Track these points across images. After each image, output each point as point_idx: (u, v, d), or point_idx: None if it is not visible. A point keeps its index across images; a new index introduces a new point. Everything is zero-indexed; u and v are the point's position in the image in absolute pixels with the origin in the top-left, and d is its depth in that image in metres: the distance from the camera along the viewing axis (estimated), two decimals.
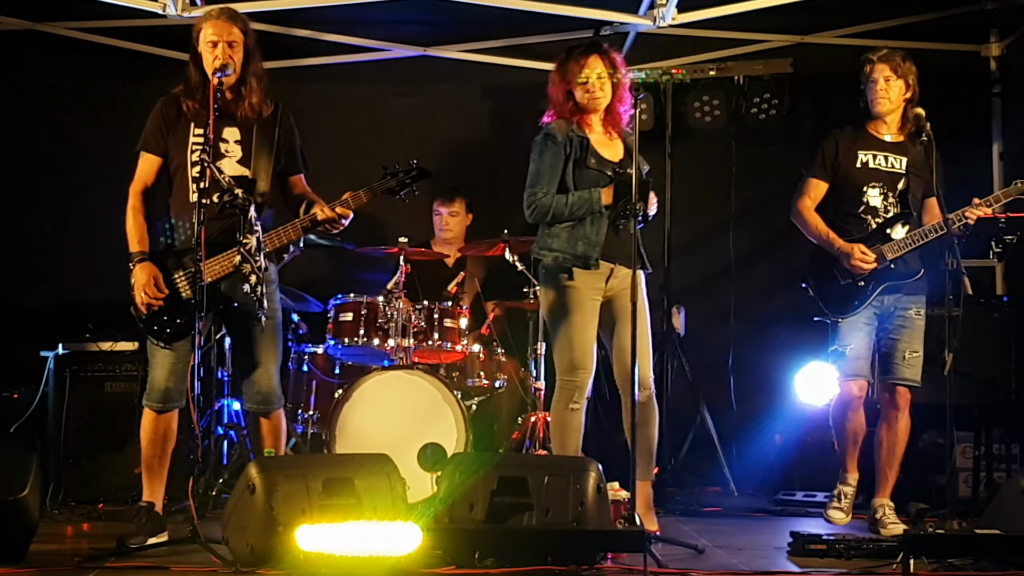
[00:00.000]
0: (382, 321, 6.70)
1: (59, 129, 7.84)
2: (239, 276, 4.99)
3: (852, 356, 6.03)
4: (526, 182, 5.69)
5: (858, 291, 6.01)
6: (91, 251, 7.49)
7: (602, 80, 5.57)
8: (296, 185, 5.52)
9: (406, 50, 8.13)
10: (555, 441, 5.63)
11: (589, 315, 5.54)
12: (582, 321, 5.53)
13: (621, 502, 5.22)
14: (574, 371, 5.53)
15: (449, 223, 7.70)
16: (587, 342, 5.54)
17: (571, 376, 5.54)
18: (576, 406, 5.53)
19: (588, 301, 5.54)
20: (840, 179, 6.11)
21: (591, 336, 5.55)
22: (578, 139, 5.61)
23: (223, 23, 5.31)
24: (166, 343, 5.21)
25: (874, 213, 6.06)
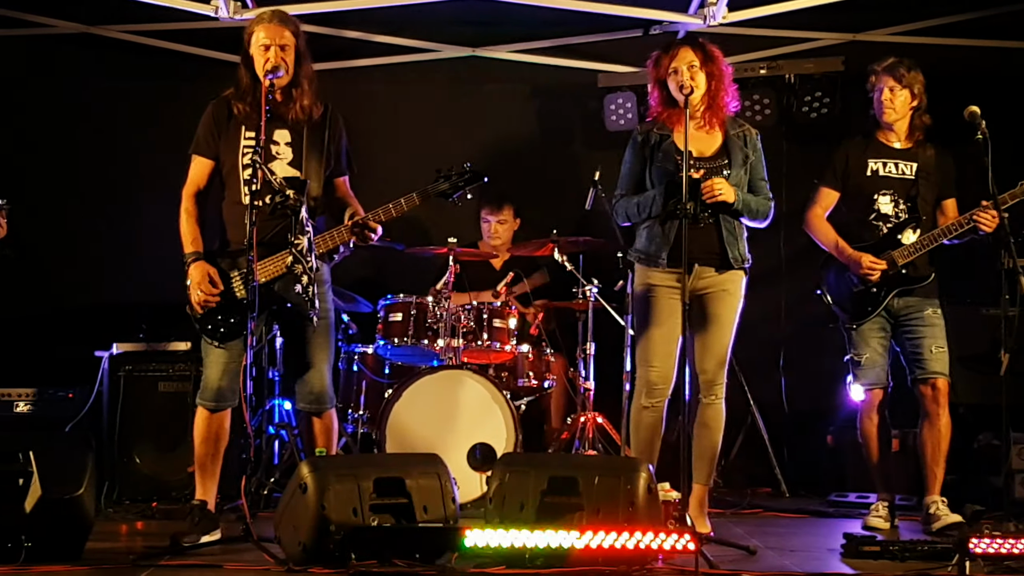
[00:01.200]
0: (431, 321, 6.73)
1: (113, 131, 7.92)
2: (291, 277, 5.03)
3: (868, 365, 6.05)
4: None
5: (871, 297, 6.01)
6: (145, 252, 7.59)
7: (693, 70, 5.52)
8: (338, 188, 5.54)
9: (455, 50, 8.17)
10: (631, 436, 5.64)
11: (664, 313, 5.53)
12: (655, 319, 5.54)
13: (672, 502, 5.21)
14: (643, 366, 5.56)
15: (497, 231, 7.73)
16: (658, 340, 5.53)
17: (642, 371, 5.58)
18: (647, 403, 5.53)
19: (666, 300, 5.53)
20: (851, 188, 6.15)
21: (664, 334, 5.53)
22: (657, 137, 5.62)
23: (275, 26, 5.34)
24: (220, 342, 5.26)
25: (885, 220, 6.07)
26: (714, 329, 5.54)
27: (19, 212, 6.41)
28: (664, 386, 5.53)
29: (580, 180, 7.16)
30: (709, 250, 5.49)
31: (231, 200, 5.37)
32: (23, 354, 7.43)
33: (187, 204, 5.39)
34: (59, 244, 7.81)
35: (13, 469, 4.64)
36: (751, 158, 5.63)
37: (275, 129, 5.34)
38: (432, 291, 6.78)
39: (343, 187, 5.54)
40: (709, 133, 5.62)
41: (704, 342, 5.55)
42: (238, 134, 5.36)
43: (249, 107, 5.37)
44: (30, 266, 7.22)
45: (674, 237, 5.47)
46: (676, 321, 5.47)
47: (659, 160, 5.58)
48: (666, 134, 5.62)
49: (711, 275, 5.54)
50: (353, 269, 7.51)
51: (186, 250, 5.32)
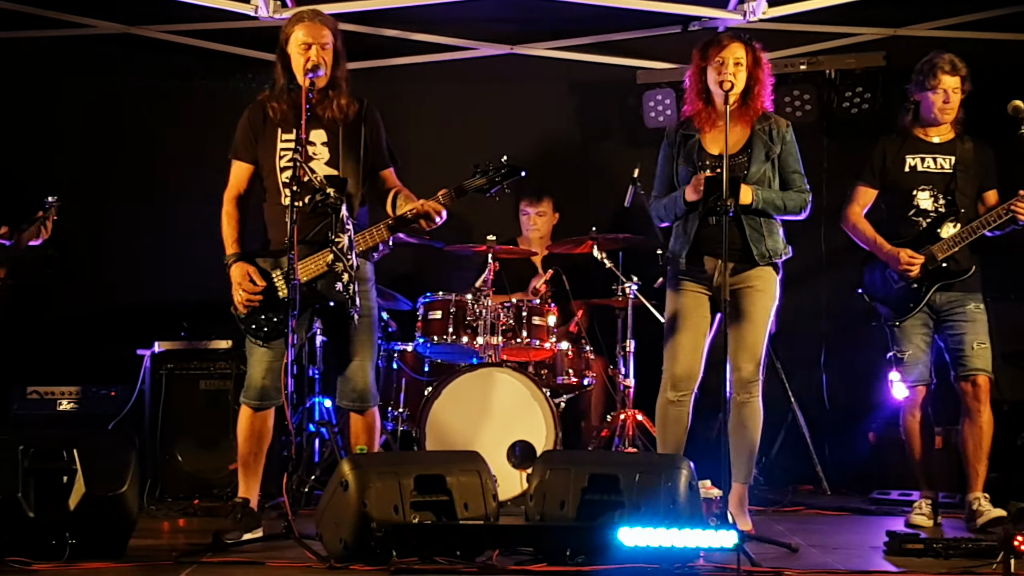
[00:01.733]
0: (471, 319, 6.75)
1: (154, 130, 7.98)
2: (333, 275, 5.05)
3: (911, 362, 6.01)
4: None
5: (912, 293, 5.98)
6: (186, 251, 7.65)
7: (739, 66, 5.52)
8: (387, 179, 5.55)
9: (493, 48, 8.18)
10: (657, 432, 5.68)
11: (690, 310, 5.56)
12: (682, 315, 5.58)
13: (713, 500, 5.20)
14: (669, 361, 5.59)
15: (536, 223, 7.74)
16: (682, 335, 5.56)
17: (667, 366, 5.61)
18: (673, 397, 5.55)
19: (691, 296, 5.57)
20: (890, 184, 6.12)
21: (689, 330, 5.56)
22: (683, 137, 5.64)
23: (315, 25, 5.36)
24: (264, 341, 5.29)
25: (925, 215, 6.03)
26: (745, 326, 5.54)
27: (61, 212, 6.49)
28: (689, 380, 5.56)
29: (619, 177, 7.16)
30: (732, 247, 5.41)
31: (271, 201, 5.40)
32: (67, 352, 7.51)
33: (228, 207, 5.42)
34: (101, 243, 7.89)
35: (57, 466, 4.68)
36: (778, 151, 5.60)
37: (311, 129, 5.33)
38: (471, 289, 6.80)
39: (391, 178, 5.55)
40: (734, 130, 5.60)
41: (736, 339, 5.55)
42: (275, 137, 5.38)
43: (285, 107, 5.39)
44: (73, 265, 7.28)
45: (695, 235, 5.53)
46: (702, 316, 5.56)
47: (684, 160, 5.62)
48: (690, 133, 5.65)
49: (736, 272, 5.54)
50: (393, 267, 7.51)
51: (227, 252, 5.35)
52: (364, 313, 5.27)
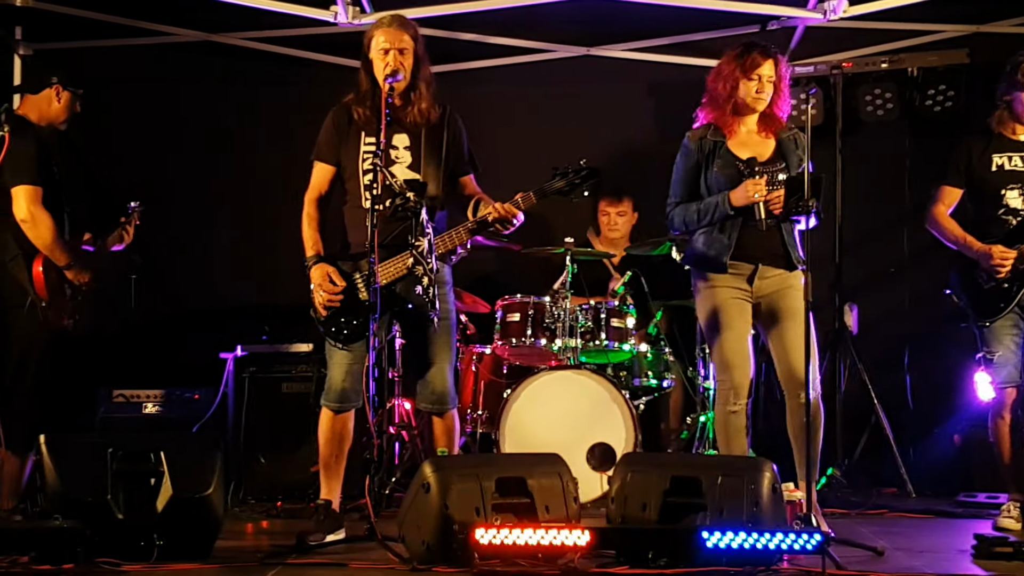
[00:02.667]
0: (549, 321, 6.76)
1: (234, 136, 8.08)
2: (412, 278, 5.09)
3: (1000, 363, 5.91)
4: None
5: (1003, 293, 5.88)
6: (267, 255, 7.74)
7: (771, 83, 5.58)
8: (466, 186, 5.59)
9: (569, 50, 8.18)
10: (719, 442, 5.66)
11: (735, 316, 5.54)
12: (728, 321, 5.54)
13: (796, 503, 5.17)
14: (726, 371, 5.56)
15: (617, 223, 7.73)
16: (734, 343, 5.54)
17: (724, 376, 5.58)
18: (734, 407, 5.53)
19: (732, 302, 5.55)
20: (976, 184, 6.03)
21: (739, 335, 5.54)
22: (711, 144, 5.64)
23: (394, 30, 5.41)
24: (343, 344, 5.34)
25: (1015, 214, 5.93)
26: (791, 325, 5.50)
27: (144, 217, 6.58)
28: (746, 388, 5.54)
29: None
30: (774, 251, 5.52)
31: (352, 204, 5.45)
32: (151, 356, 7.64)
33: (309, 209, 5.49)
34: (184, 248, 7.99)
35: (145, 469, 4.77)
36: (803, 160, 5.58)
37: (394, 134, 5.40)
38: (549, 291, 6.81)
39: (471, 185, 5.59)
40: (762, 138, 5.64)
41: (782, 340, 5.53)
42: (358, 140, 5.44)
43: (368, 111, 5.44)
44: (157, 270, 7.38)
45: (736, 241, 5.51)
46: (746, 320, 5.54)
47: (718, 166, 5.58)
48: (720, 140, 5.63)
49: (777, 275, 5.55)
50: (471, 270, 7.56)
51: (308, 254, 5.41)
52: (443, 316, 5.30)
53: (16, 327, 5.67)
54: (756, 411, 5.67)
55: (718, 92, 5.66)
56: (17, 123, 5.58)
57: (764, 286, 5.57)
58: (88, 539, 4.49)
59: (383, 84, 5.32)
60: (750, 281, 5.57)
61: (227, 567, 4.73)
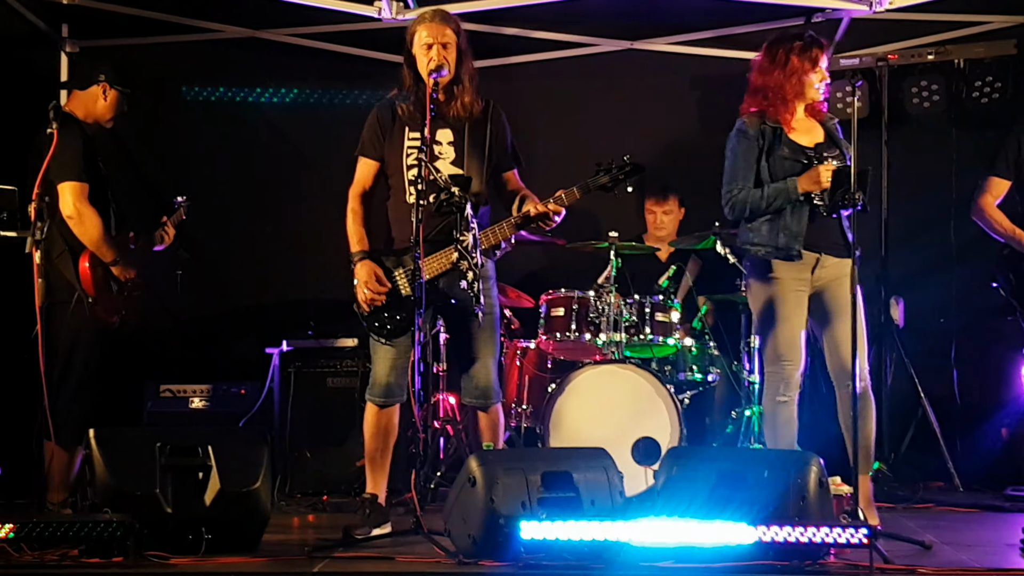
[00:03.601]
0: (593, 316, 6.76)
1: (279, 132, 8.12)
2: (457, 273, 5.10)
3: None
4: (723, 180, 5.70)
5: None
6: (312, 251, 7.78)
7: (825, 74, 5.58)
8: (509, 181, 5.60)
9: (613, 44, 8.16)
10: (766, 433, 5.64)
11: (794, 306, 5.51)
12: (786, 312, 5.51)
13: (843, 497, 5.14)
14: (777, 362, 5.53)
15: (663, 221, 7.73)
16: (790, 333, 5.50)
17: (774, 367, 5.55)
18: (783, 398, 5.50)
19: (792, 292, 5.51)
20: None
21: (795, 327, 5.51)
22: (770, 130, 5.59)
23: (437, 25, 5.42)
24: (387, 339, 5.36)
25: None
26: (845, 316, 5.45)
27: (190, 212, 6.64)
28: (797, 379, 5.52)
29: None
30: (835, 240, 5.49)
31: (396, 199, 5.47)
32: (197, 351, 7.70)
33: (353, 204, 5.52)
34: (229, 244, 8.04)
35: (193, 463, 4.80)
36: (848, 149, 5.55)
37: (437, 129, 5.41)
38: (594, 286, 6.81)
39: (514, 180, 5.60)
40: (811, 126, 5.64)
41: (835, 331, 5.50)
42: (402, 135, 5.46)
43: (412, 107, 5.46)
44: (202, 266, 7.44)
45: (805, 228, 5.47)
46: (803, 311, 5.51)
47: (784, 153, 5.54)
48: (778, 127, 5.59)
49: (833, 263, 5.52)
50: (515, 265, 7.56)
51: (352, 249, 5.44)
52: (487, 311, 5.31)
53: (63, 323, 5.71)
54: (802, 404, 5.61)
55: (777, 83, 5.59)
56: (65, 119, 5.63)
57: (823, 275, 5.53)
58: (137, 532, 4.51)
59: (427, 79, 5.33)
60: (812, 271, 5.53)
61: (274, 560, 4.76)
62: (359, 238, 5.46)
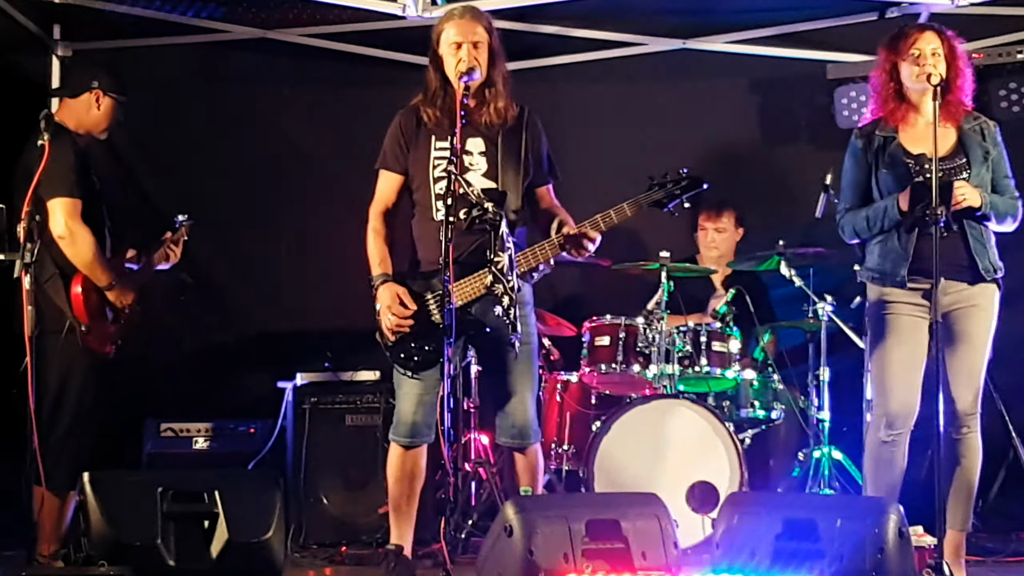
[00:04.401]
0: (642, 345, 6.75)
1: (292, 142, 8.15)
2: (491, 298, 5.08)
3: None
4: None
5: None
6: (328, 274, 7.77)
7: (936, 56, 5.44)
8: (543, 198, 5.58)
9: (663, 43, 8.13)
10: (864, 475, 5.59)
11: (907, 336, 5.45)
12: (895, 341, 5.47)
13: (926, 549, 5.09)
14: (881, 395, 5.49)
15: (716, 240, 7.71)
16: (899, 365, 5.45)
17: (879, 400, 5.51)
18: (886, 436, 5.45)
19: (906, 319, 5.46)
20: None
21: (905, 358, 5.45)
22: (881, 139, 5.53)
23: (467, 22, 5.41)
24: (414, 372, 5.34)
25: None
26: (966, 350, 5.42)
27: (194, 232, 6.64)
28: (906, 417, 5.44)
29: (808, 184, 7.07)
30: (956, 262, 5.39)
31: (423, 216, 5.46)
32: (203, 386, 7.70)
33: (375, 223, 5.51)
34: (237, 267, 8.06)
35: (198, 510, 4.80)
36: (992, 154, 5.49)
37: (467, 137, 5.39)
38: (643, 312, 6.79)
39: (547, 197, 5.58)
40: (942, 129, 5.47)
41: (955, 366, 5.44)
42: (428, 145, 5.45)
43: (439, 113, 5.45)
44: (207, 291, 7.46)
45: (914, 250, 5.40)
46: (919, 342, 5.40)
47: (886, 165, 5.50)
48: (891, 135, 5.54)
49: (959, 290, 5.44)
50: (555, 289, 7.55)
51: (374, 272, 5.43)
52: (524, 340, 5.27)
53: (54, 354, 5.72)
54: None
55: (879, 81, 5.59)
56: (56, 131, 5.66)
57: (944, 302, 5.41)
58: None
59: (456, 83, 5.32)
60: (928, 296, 5.43)
61: None
62: (381, 259, 5.45)
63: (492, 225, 5.06)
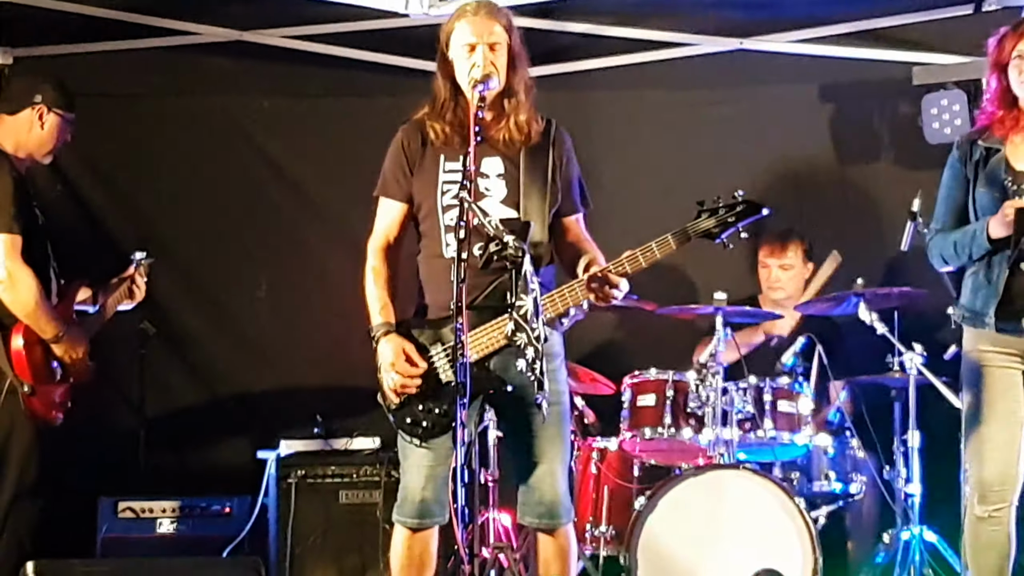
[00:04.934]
0: (695, 406, 6.74)
1: (274, 164, 8.17)
2: (512, 350, 5.03)
3: None
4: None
5: None
6: (318, 322, 7.80)
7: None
8: (569, 229, 5.53)
9: (717, 43, 8.14)
10: (966, 558, 5.58)
11: (1000, 391, 5.47)
12: (987, 399, 5.48)
13: None
14: (975, 463, 5.51)
15: (781, 279, 7.70)
16: (993, 425, 5.46)
17: (973, 470, 5.52)
18: (983, 513, 5.46)
19: (999, 372, 5.48)
20: None
21: (999, 418, 5.46)
22: (983, 150, 5.53)
23: (482, 19, 5.37)
24: (422, 440, 5.29)
25: None
26: None
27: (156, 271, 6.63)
28: (1003, 489, 5.46)
29: (891, 211, 7.13)
30: None
31: (430, 253, 5.43)
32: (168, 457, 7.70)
33: (374, 261, 5.47)
34: (209, 313, 8.07)
35: None
36: None
37: (482, 156, 5.33)
38: (695, 365, 6.78)
39: (575, 228, 5.53)
40: None
41: None
42: (436, 167, 5.42)
43: (449, 128, 5.42)
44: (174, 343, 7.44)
45: (1005, 287, 5.42)
46: (1014, 398, 5.45)
47: (985, 182, 5.50)
48: (994, 147, 5.54)
49: None
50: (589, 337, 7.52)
51: (374, 321, 5.39)
52: (552, 400, 5.20)
53: None
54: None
55: (988, 87, 5.62)
56: None
57: None
58: None
59: (470, 92, 5.30)
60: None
61: None
62: (382, 306, 5.40)
63: (513, 263, 5.00)
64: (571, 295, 5.27)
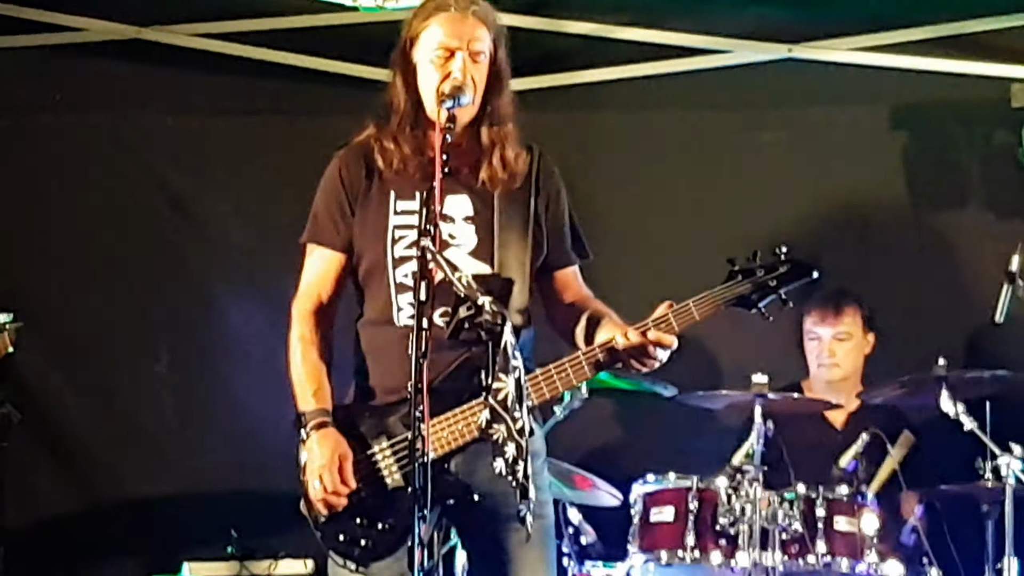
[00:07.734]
0: (725, 522, 6.70)
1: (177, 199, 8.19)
2: (484, 448, 4.94)
3: None
4: None
5: None
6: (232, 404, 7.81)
7: None
8: (566, 286, 5.46)
9: (758, 50, 8.16)
10: None
11: None
12: None
13: None
14: None
15: (836, 353, 7.70)
16: None
17: None
18: None
19: None
20: None
21: None
22: None
23: (470, 21, 5.26)
24: (359, 564, 5.20)
25: None
26: None
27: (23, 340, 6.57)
28: None
29: (982, 269, 7.20)
30: None
31: (375, 318, 5.33)
32: None
33: (302, 328, 5.36)
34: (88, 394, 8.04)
35: None
36: None
37: (447, 194, 5.28)
38: (726, 469, 6.72)
39: (573, 284, 5.45)
40: None
41: None
42: (385, 205, 5.32)
43: (409, 154, 5.33)
44: (44, 434, 7.39)
45: None
46: None
47: None
48: None
49: None
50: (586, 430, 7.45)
51: (301, 407, 5.28)
52: (537, 512, 5.13)
53: None
54: None
55: None
56: None
57: None
58: None
59: (438, 108, 5.20)
60: None
61: None
62: (316, 388, 5.28)
63: (490, 332, 4.94)
64: (574, 372, 5.16)
